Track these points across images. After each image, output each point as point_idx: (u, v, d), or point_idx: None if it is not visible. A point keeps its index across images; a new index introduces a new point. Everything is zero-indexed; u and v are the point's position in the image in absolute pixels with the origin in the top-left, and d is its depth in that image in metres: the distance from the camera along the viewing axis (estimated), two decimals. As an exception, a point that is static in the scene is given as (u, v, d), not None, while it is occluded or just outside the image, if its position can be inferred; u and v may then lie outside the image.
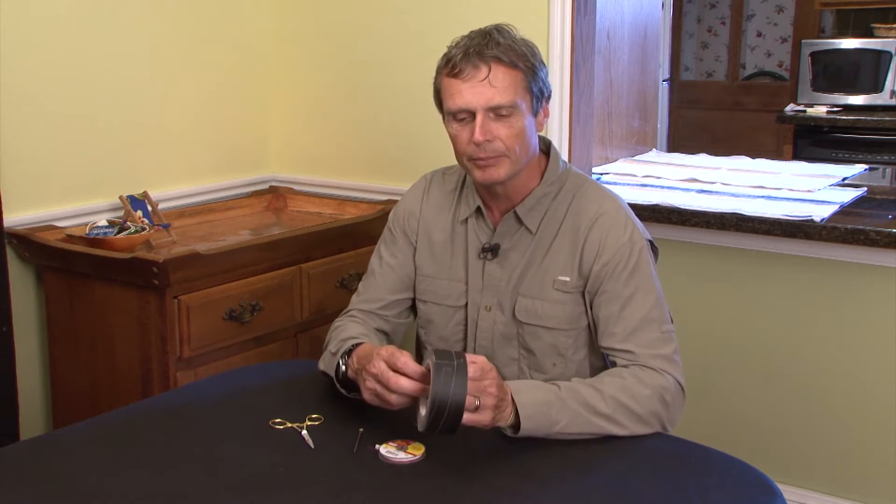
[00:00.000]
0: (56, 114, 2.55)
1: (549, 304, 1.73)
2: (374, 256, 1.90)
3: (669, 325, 1.69)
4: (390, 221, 1.90)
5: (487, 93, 1.62)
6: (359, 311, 1.85)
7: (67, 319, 2.46)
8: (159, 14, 2.79)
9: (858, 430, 2.47)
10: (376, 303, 1.85)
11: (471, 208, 1.79)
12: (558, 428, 1.52)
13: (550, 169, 1.76)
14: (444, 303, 1.82)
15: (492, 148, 1.64)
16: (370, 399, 1.52)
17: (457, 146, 1.69)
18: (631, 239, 1.70)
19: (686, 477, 1.46)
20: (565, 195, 1.76)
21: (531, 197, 1.74)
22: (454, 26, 2.76)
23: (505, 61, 1.63)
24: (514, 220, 1.75)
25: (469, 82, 1.62)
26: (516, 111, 1.64)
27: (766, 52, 6.21)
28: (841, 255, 2.41)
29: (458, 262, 1.80)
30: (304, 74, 3.13)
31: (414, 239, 1.85)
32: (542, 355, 1.75)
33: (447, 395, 1.36)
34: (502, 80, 1.62)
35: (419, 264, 1.84)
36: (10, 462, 1.50)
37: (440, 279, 1.82)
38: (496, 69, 1.62)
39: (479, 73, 1.62)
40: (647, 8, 3.22)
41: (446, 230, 1.82)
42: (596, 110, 2.88)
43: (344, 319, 1.84)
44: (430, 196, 1.87)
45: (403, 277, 1.85)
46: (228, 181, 3.08)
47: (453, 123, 1.67)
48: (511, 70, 1.63)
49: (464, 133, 1.66)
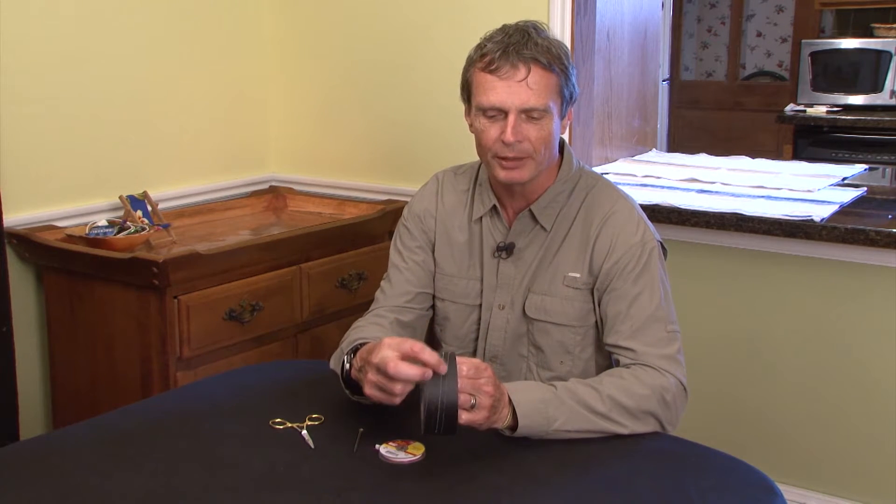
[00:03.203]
0: (56, 114, 2.55)
1: (559, 301, 1.73)
2: (393, 255, 1.88)
3: (675, 326, 1.69)
4: (406, 220, 1.88)
5: (524, 94, 1.61)
6: (386, 308, 1.82)
7: (67, 319, 2.46)
8: (159, 14, 2.79)
9: (859, 430, 2.47)
10: (405, 296, 1.82)
11: (485, 207, 1.79)
12: (556, 426, 1.51)
13: (565, 167, 1.77)
14: (462, 301, 1.82)
15: (520, 148, 1.64)
16: (371, 393, 1.46)
17: (482, 141, 1.67)
18: (643, 239, 1.70)
19: (686, 477, 1.46)
20: (579, 193, 1.76)
21: (546, 195, 1.74)
22: (454, 26, 2.78)
23: (543, 63, 1.62)
24: (530, 219, 1.75)
25: (506, 81, 1.61)
26: (548, 114, 1.64)
27: (766, 52, 6.21)
28: (841, 255, 2.41)
29: (475, 262, 1.81)
30: (304, 74, 3.13)
31: (432, 237, 1.85)
32: (550, 353, 1.75)
33: (437, 394, 1.36)
34: (539, 82, 1.62)
35: (439, 262, 1.84)
36: (10, 462, 1.50)
37: (459, 278, 1.82)
38: (535, 71, 1.61)
39: (518, 73, 1.61)
40: (647, 8, 3.22)
41: (460, 230, 1.82)
42: (596, 110, 2.88)
43: (366, 319, 1.81)
44: (443, 195, 1.86)
45: (427, 273, 1.84)
46: (228, 181, 3.08)
47: (481, 118, 1.66)
48: (548, 73, 1.63)
49: (492, 130, 1.64)
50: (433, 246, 1.85)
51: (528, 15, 2.61)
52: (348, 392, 1.63)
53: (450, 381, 1.37)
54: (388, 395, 1.44)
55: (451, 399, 1.37)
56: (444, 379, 1.37)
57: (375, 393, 1.46)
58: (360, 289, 2.72)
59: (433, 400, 1.36)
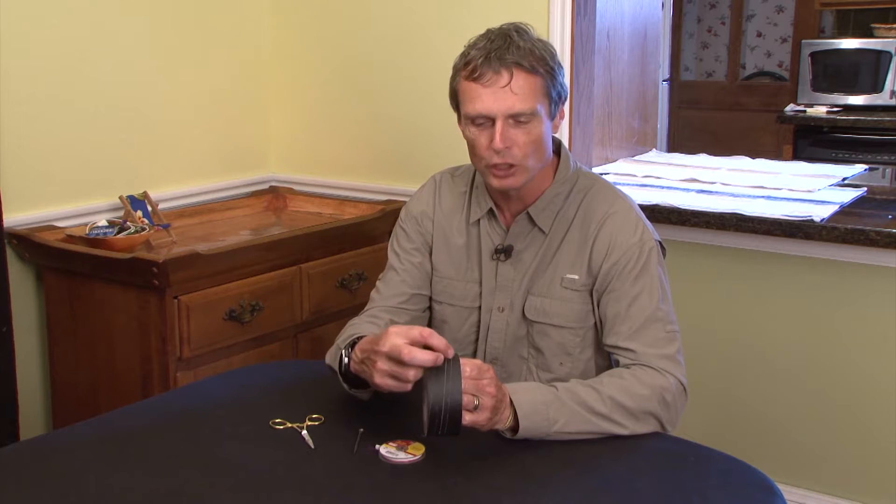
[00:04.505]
0: (56, 114, 2.55)
1: (558, 302, 1.73)
2: (390, 256, 1.88)
3: (674, 326, 1.69)
4: (403, 222, 1.88)
5: (509, 100, 1.61)
6: (380, 308, 1.82)
7: (67, 319, 2.46)
8: (159, 14, 2.79)
9: (859, 430, 2.47)
10: (400, 297, 1.82)
11: (483, 210, 1.79)
12: (557, 427, 1.51)
13: (562, 169, 1.77)
14: (460, 304, 1.82)
15: (510, 154, 1.64)
16: (383, 382, 1.44)
17: (474, 150, 1.68)
18: (641, 239, 1.70)
19: (686, 477, 1.46)
20: (576, 195, 1.76)
21: (543, 197, 1.74)
22: (454, 26, 2.78)
23: (526, 67, 1.61)
24: (527, 221, 1.75)
25: (490, 88, 1.61)
26: (535, 117, 1.63)
27: (766, 52, 6.21)
28: (841, 255, 2.41)
29: (473, 264, 1.80)
30: (303, 74, 3.13)
31: (430, 239, 1.84)
32: (550, 354, 1.75)
33: (441, 394, 1.36)
34: (523, 86, 1.61)
35: (436, 265, 1.84)
36: (10, 462, 1.50)
37: (457, 281, 1.82)
38: (517, 75, 1.61)
39: (501, 79, 1.61)
40: (647, 8, 3.22)
41: (458, 232, 1.82)
42: (596, 110, 2.88)
43: (361, 318, 1.81)
44: (441, 198, 1.86)
45: (424, 275, 1.84)
46: (228, 181, 3.08)
47: (471, 127, 1.66)
48: (531, 76, 1.62)
49: (481, 138, 1.65)
50: (430, 248, 1.84)
51: (528, 15, 2.62)
52: (346, 386, 1.62)
53: (453, 382, 1.37)
54: (402, 382, 1.43)
55: (455, 400, 1.36)
56: (447, 380, 1.37)
57: (387, 381, 1.45)
58: (360, 289, 2.72)
59: (437, 401, 1.36)
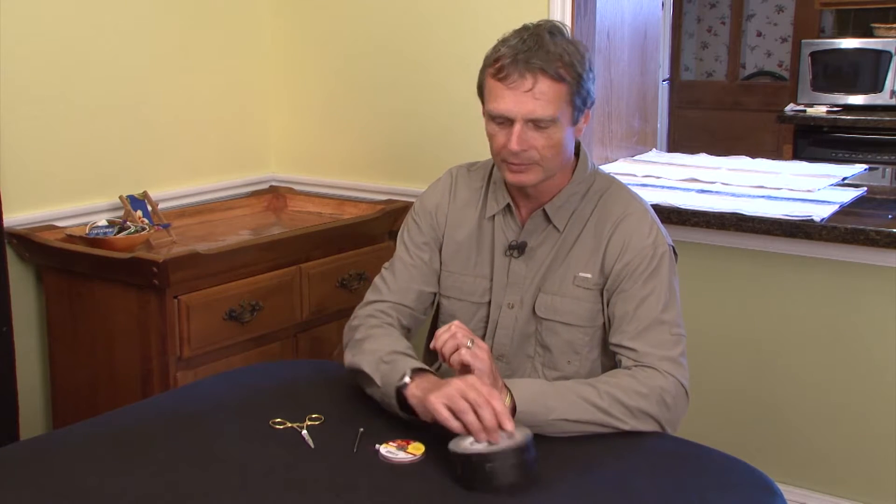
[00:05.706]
0: (56, 114, 2.55)
1: (569, 301, 1.74)
2: (399, 248, 1.87)
3: (681, 330, 1.70)
4: (415, 214, 1.88)
5: (529, 104, 1.62)
6: (389, 303, 1.80)
7: (67, 319, 2.46)
8: (159, 14, 2.79)
9: (858, 430, 2.47)
10: (408, 293, 1.82)
11: (499, 205, 1.79)
12: (555, 415, 1.52)
13: (580, 169, 1.78)
14: (468, 299, 1.82)
15: (526, 156, 1.65)
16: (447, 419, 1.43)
17: (492, 145, 1.70)
18: (654, 242, 1.72)
19: (686, 477, 1.46)
20: (593, 195, 1.77)
21: (560, 195, 1.75)
22: (455, 27, 2.78)
23: (551, 74, 1.61)
24: (543, 218, 1.76)
25: (513, 90, 1.62)
26: (555, 124, 1.64)
27: (766, 52, 6.21)
28: (841, 255, 2.40)
29: (484, 259, 1.81)
30: (303, 74, 3.13)
31: (441, 233, 1.85)
32: (557, 352, 1.76)
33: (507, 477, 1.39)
34: (546, 92, 1.62)
35: (445, 260, 1.84)
36: (10, 462, 1.50)
37: (465, 275, 1.82)
38: (541, 81, 1.61)
39: (524, 83, 1.61)
40: (647, 8, 3.22)
41: (471, 227, 1.82)
42: (596, 110, 2.88)
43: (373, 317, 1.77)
44: (456, 192, 1.86)
45: (432, 272, 1.84)
46: (228, 181, 3.08)
47: (491, 123, 1.68)
48: (556, 83, 1.62)
49: (500, 136, 1.66)
50: (441, 243, 1.85)
51: (528, 15, 2.61)
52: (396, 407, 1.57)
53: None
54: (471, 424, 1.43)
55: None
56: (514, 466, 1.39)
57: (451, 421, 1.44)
58: (360, 289, 2.72)
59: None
